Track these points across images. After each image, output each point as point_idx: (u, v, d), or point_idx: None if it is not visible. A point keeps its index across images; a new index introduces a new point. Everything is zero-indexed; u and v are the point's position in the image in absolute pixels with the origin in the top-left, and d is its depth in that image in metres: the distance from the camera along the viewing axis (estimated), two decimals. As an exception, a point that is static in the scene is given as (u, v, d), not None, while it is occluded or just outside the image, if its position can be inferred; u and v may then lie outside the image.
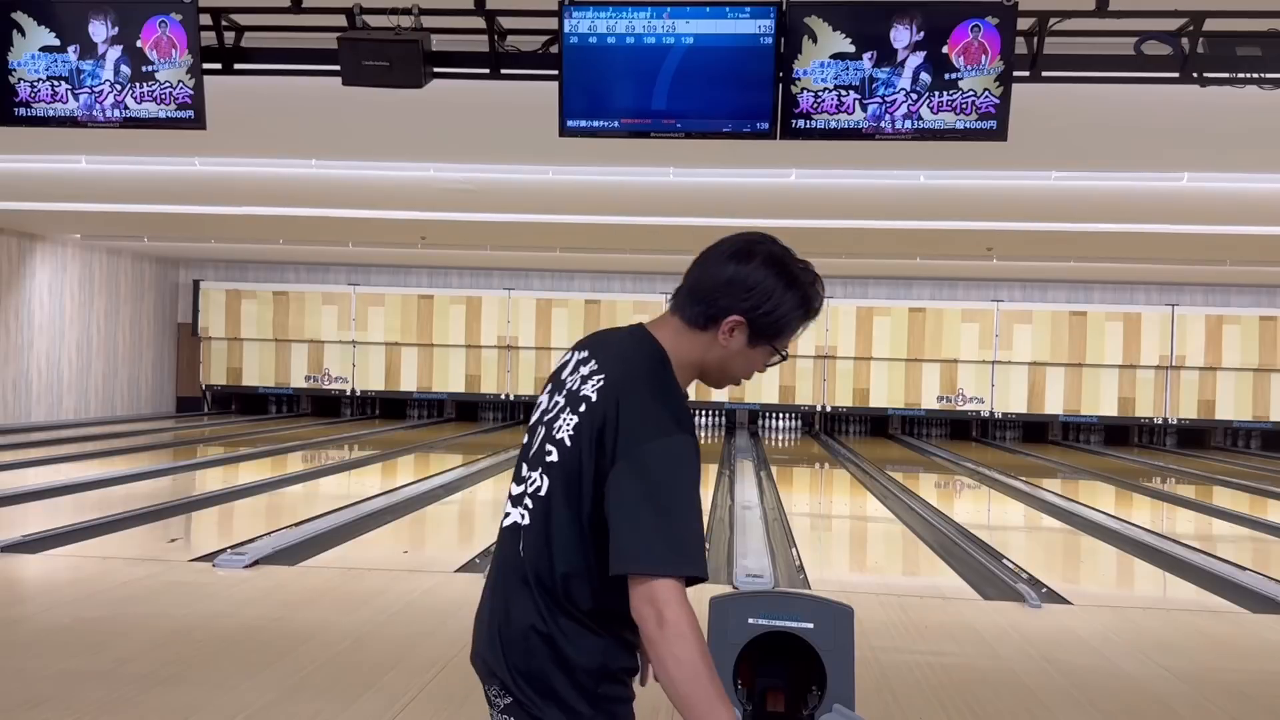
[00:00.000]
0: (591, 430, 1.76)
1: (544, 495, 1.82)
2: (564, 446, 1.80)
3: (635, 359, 1.83)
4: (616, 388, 1.78)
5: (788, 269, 1.90)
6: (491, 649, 1.84)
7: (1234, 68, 5.14)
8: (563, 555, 1.77)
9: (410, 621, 5.21)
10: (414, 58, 5.16)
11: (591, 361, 1.86)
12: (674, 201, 10.70)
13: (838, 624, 2.57)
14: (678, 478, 1.72)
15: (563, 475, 1.80)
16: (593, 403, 1.78)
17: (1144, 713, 4.24)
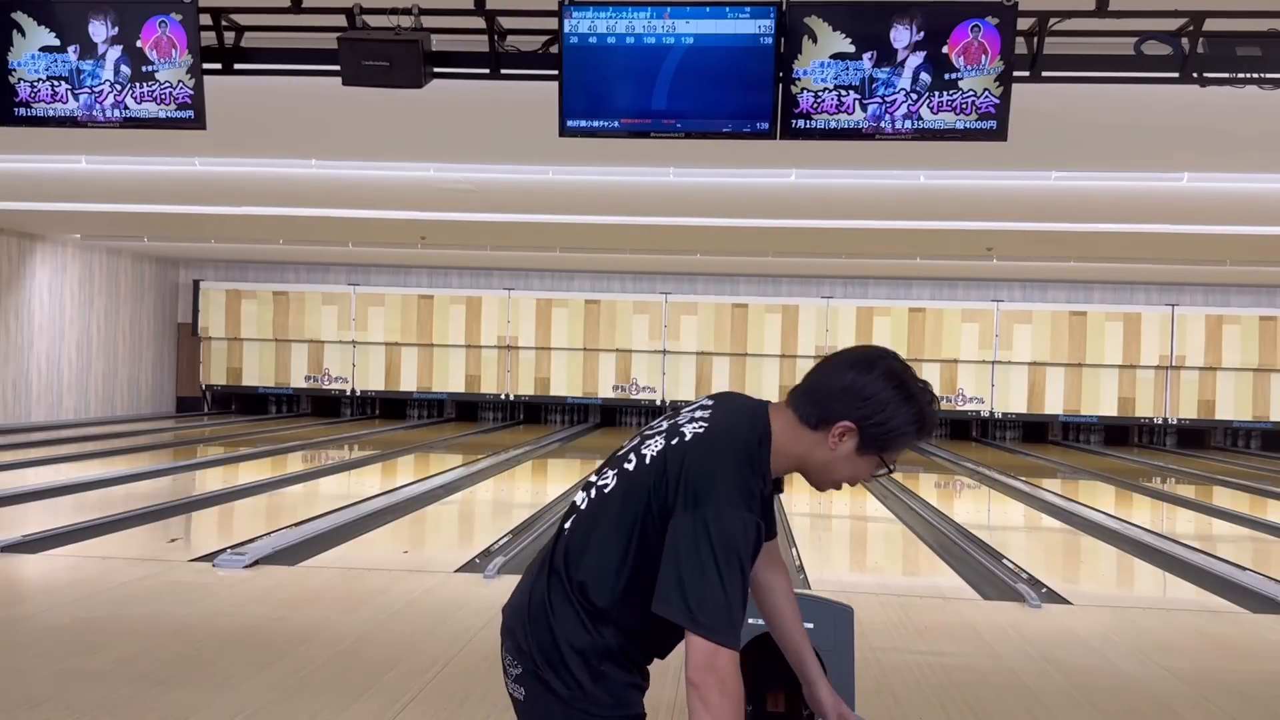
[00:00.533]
0: (670, 464, 1.87)
1: (607, 494, 1.95)
2: (642, 462, 1.92)
3: (740, 428, 1.91)
4: (710, 442, 1.88)
5: (905, 385, 1.90)
6: (515, 616, 1.99)
7: (1234, 68, 5.14)
8: (596, 552, 1.90)
9: (410, 621, 5.21)
10: (414, 58, 5.16)
11: (708, 410, 1.97)
12: (674, 201, 10.70)
13: (838, 624, 2.58)
14: (738, 549, 1.79)
15: (628, 485, 1.92)
16: (685, 441, 1.90)
17: (1144, 713, 4.23)
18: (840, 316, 18.05)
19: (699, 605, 1.76)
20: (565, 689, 1.89)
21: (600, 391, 18.52)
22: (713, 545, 1.78)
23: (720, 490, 1.81)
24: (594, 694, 1.89)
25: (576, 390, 18.56)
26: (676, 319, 18.32)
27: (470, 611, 5.37)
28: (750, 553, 1.81)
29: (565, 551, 1.95)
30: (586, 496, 2.00)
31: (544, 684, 1.91)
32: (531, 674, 1.92)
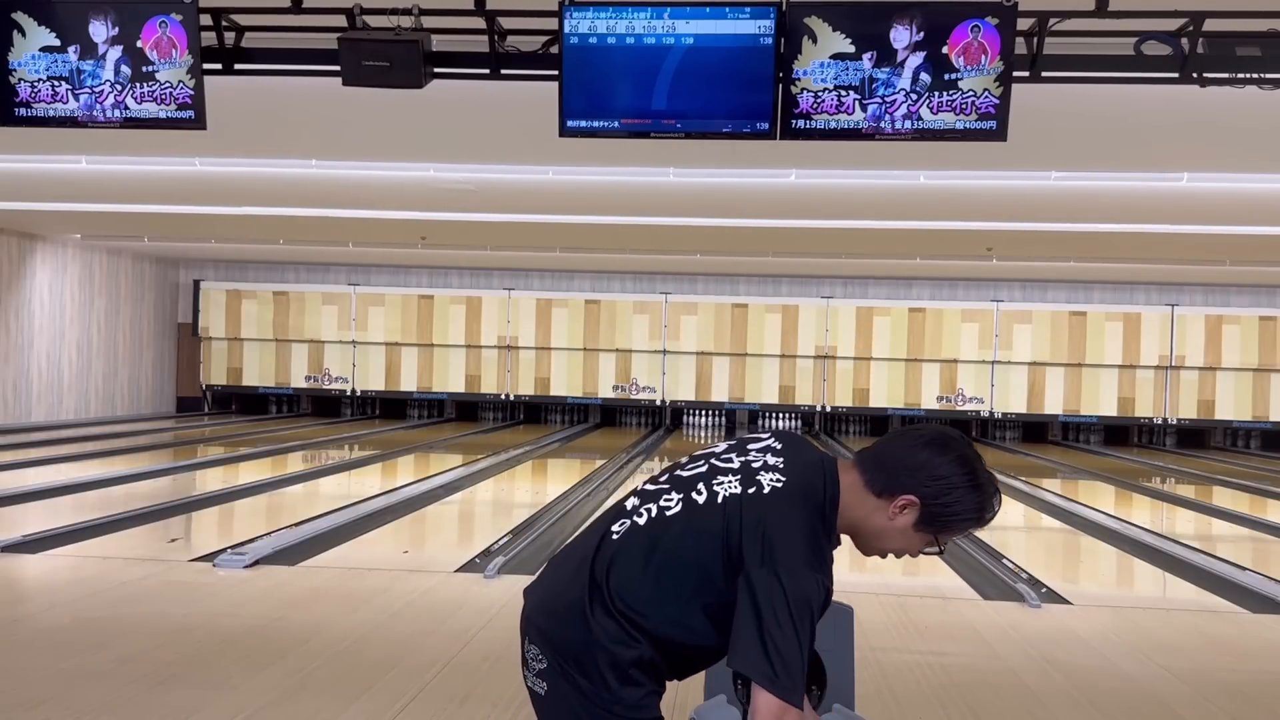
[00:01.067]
0: (746, 514, 1.89)
1: (669, 518, 1.94)
2: (714, 501, 1.93)
3: (815, 485, 1.94)
4: (789, 500, 1.91)
5: (976, 474, 1.94)
6: (546, 615, 1.99)
7: (1234, 68, 5.14)
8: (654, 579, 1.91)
9: (410, 621, 5.21)
10: (414, 58, 5.16)
11: (781, 458, 1.98)
12: (674, 201, 10.71)
13: (837, 624, 2.58)
14: (811, 610, 1.85)
15: (697, 523, 1.92)
16: (764, 494, 1.91)
17: (1144, 713, 4.24)
18: (840, 316, 18.05)
19: (779, 664, 1.80)
20: (591, 687, 1.91)
21: (600, 391, 18.52)
22: (790, 605, 1.82)
23: (798, 552, 1.85)
24: (619, 694, 1.91)
25: (576, 390, 18.56)
26: (676, 319, 18.32)
27: (470, 611, 5.37)
28: (819, 614, 1.88)
29: (611, 563, 1.94)
30: (646, 512, 1.98)
31: (569, 681, 1.92)
32: (557, 670, 1.94)
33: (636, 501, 2.02)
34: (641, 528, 1.95)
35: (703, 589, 1.90)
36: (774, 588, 1.81)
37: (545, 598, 2.03)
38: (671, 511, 1.95)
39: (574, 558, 2.03)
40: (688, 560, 1.90)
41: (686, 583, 1.90)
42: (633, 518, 1.98)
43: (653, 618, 1.90)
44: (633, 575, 1.92)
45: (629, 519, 1.99)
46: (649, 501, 2.00)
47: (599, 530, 2.03)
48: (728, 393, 18.31)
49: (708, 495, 1.94)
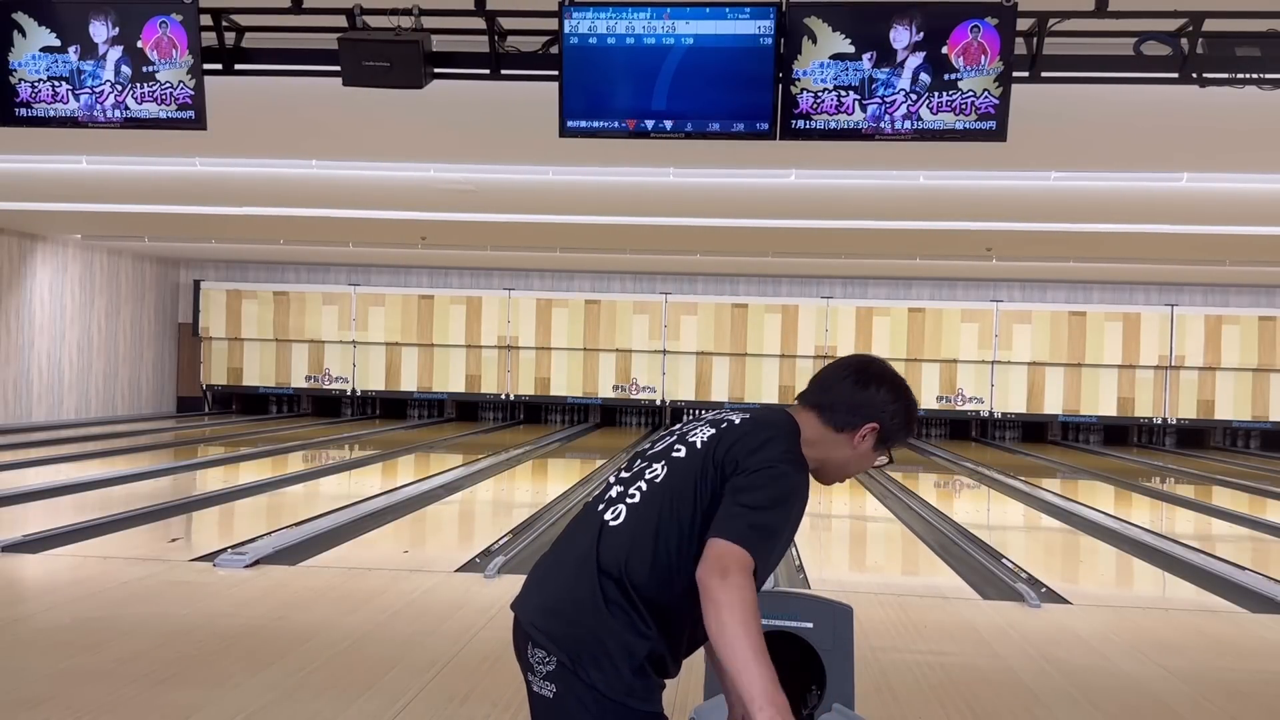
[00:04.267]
0: (725, 443, 2.02)
1: (659, 483, 2.03)
2: (693, 449, 2.05)
3: (780, 420, 2.10)
4: (758, 424, 2.07)
5: (906, 389, 2.18)
6: (551, 617, 1.99)
7: (1233, 68, 5.14)
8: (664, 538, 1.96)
9: (410, 621, 5.21)
10: (414, 58, 5.16)
11: (736, 412, 2.14)
12: (674, 201, 10.71)
13: (838, 624, 2.58)
14: (786, 498, 1.96)
15: (682, 471, 2.02)
16: (734, 424, 2.07)
17: (1143, 712, 4.24)
18: (840, 316, 18.05)
19: (756, 534, 1.90)
20: (605, 681, 1.91)
21: (600, 391, 18.53)
22: (773, 493, 1.94)
23: (778, 454, 1.99)
24: (633, 686, 1.93)
25: (576, 390, 18.56)
26: (676, 319, 18.32)
27: (470, 611, 5.37)
28: (800, 512, 2.00)
29: (619, 549, 1.98)
30: (637, 491, 2.04)
31: (582, 678, 1.92)
32: (568, 670, 1.93)
33: (621, 489, 2.08)
34: (639, 504, 2.01)
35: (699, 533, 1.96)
36: (756, 481, 1.94)
37: (547, 602, 2.02)
38: (661, 478, 2.03)
39: (569, 559, 2.04)
40: (689, 500, 1.99)
41: (692, 540, 1.96)
42: (624, 502, 2.03)
43: (670, 591, 1.95)
44: (640, 549, 1.96)
45: (620, 504, 2.04)
46: (635, 481, 2.06)
47: (590, 526, 2.05)
48: (728, 393, 18.31)
49: (687, 449, 2.06)
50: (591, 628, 1.94)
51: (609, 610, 1.94)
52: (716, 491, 1.98)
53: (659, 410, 18.85)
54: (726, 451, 2.01)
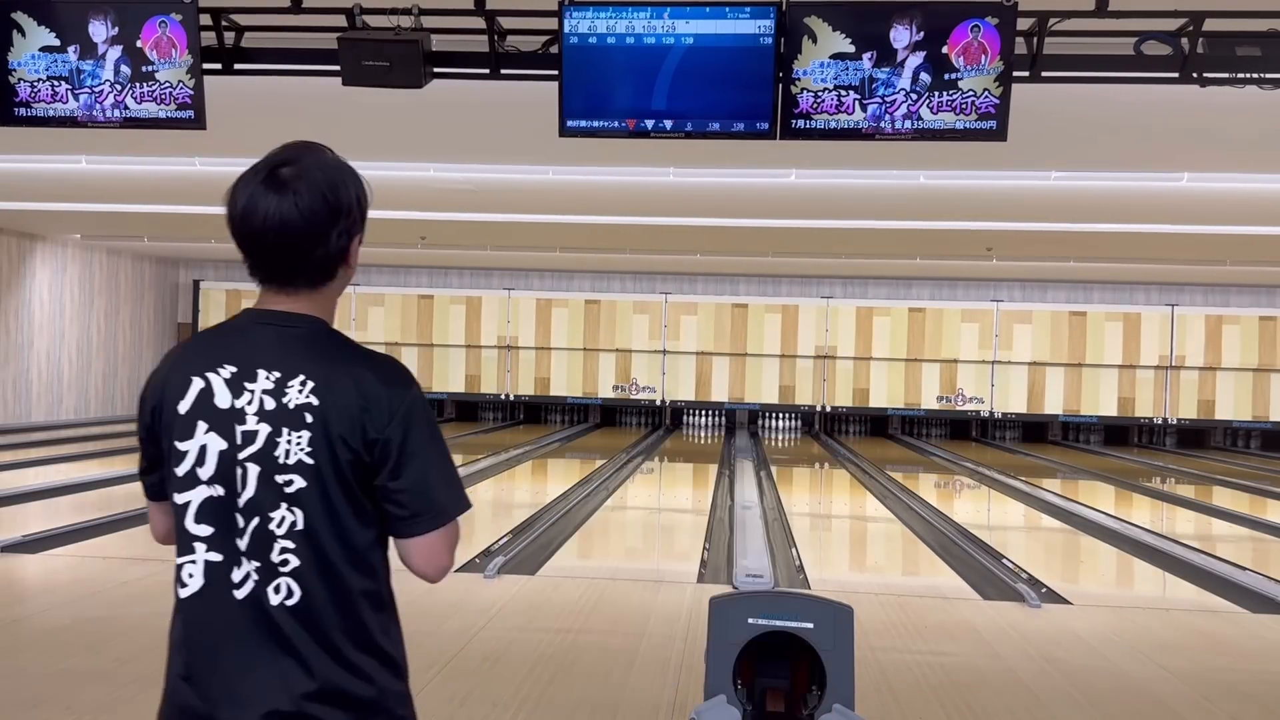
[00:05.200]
0: (340, 431, 1.65)
1: (302, 530, 1.67)
2: (306, 466, 1.66)
3: (325, 345, 1.72)
4: (342, 376, 1.68)
5: (341, 166, 1.85)
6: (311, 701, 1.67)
7: (1234, 68, 5.14)
8: (351, 578, 1.72)
9: (409, 622, 5.18)
10: (414, 58, 5.16)
11: (264, 373, 1.68)
12: (674, 201, 10.71)
13: (837, 624, 2.58)
14: (439, 429, 1.77)
15: (320, 496, 1.67)
16: (322, 406, 1.66)
17: (1143, 712, 4.24)
18: (840, 316, 18.05)
19: (459, 489, 1.77)
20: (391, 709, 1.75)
21: (600, 391, 18.53)
22: (431, 429, 1.74)
23: (400, 388, 1.71)
24: (404, 692, 1.81)
25: (576, 390, 18.56)
26: (676, 319, 18.32)
27: (470, 611, 5.37)
28: None
29: (322, 609, 1.68)
30: (285, 556, 1.66)
31: None
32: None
33: (236, 570, 1.67)
34: (301, 568, 1.67)
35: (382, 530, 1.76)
36: (411, 429, 1.68)
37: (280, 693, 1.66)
38: (300, 522, 1.67)
39: (229, 655, 1.69)
40: (345, 496, 1.68)
41: (375, 543, 1.76)
42: (282, 577, 1.66)
43: (375, 575, 1.78)
44: (340, 598, 1.71)
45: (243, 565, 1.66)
46: (261, 556, 1.67)
47: (228, 609, 1.68)
48: (727, 393, 18.31)
49: (300, 474, 1.65)
50: (362, 685, 1.76)
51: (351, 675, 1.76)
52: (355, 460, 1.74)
53: (659, 410, 18.85)
54: (357, 434, 1.72)
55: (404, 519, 1.74)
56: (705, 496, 10.21)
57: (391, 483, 1.70)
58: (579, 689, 4.26)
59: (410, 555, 1.81)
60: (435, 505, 1.74)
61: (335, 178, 1.78)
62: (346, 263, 1.77)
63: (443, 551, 1.80)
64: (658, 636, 5.03)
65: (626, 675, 4.40)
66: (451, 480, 1.77)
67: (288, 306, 1.73)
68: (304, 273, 1.72)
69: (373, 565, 1.79)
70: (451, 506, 1.76)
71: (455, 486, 1.78)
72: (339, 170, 1.80)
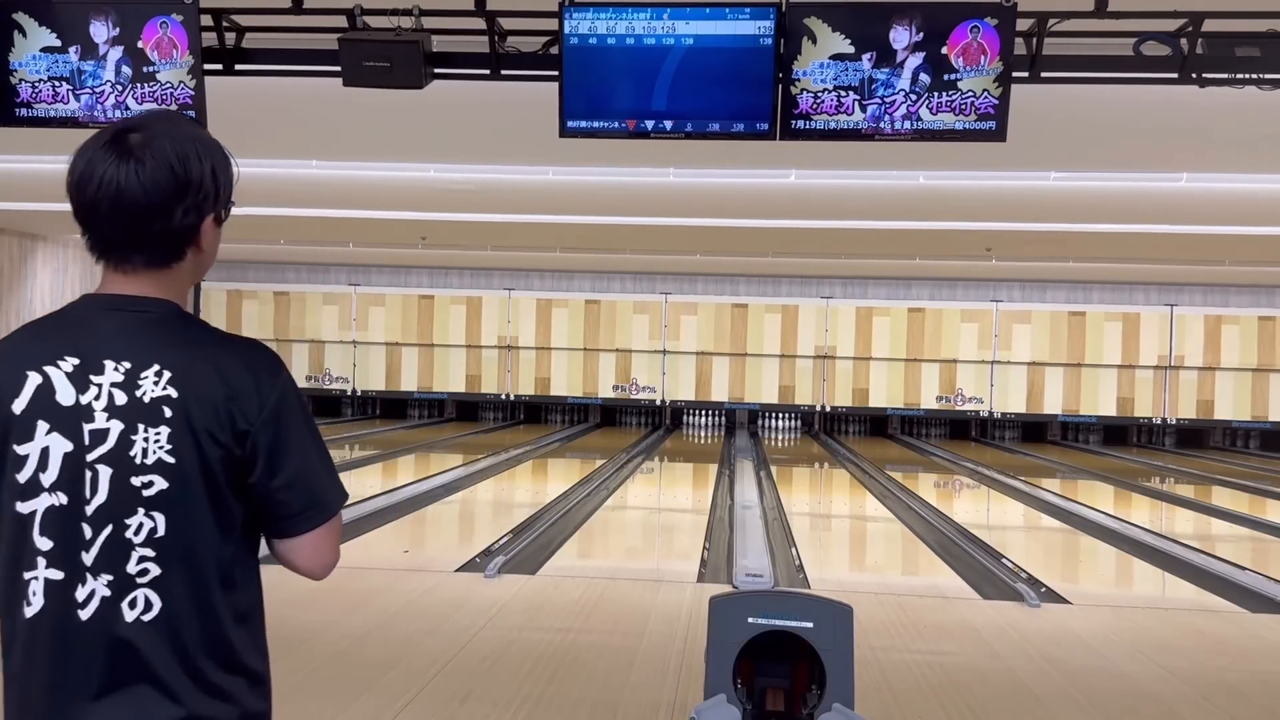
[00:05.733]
0: (205, 425, 1.50)
1: (163, 536, 1.51)
2: (168, 466, 1.50)
3: (179, 330, 1.56)
4: (202, 363, 1.53)
5: (198, 138, 1.59)
6: None
7: (1233, 68, 5.14)
8: (218, 589, 1.60)
9: (410, 621, 5.21)
10: (414, 58, 5.16)
11: (112, 364, 1.51)
12: (674, 201, 10.71)
13: (837, 623, 2.59)
14: (311, 414, 1.65)
15: (184, 498, 1.52)
16: (181, 398, 1.50)
17: (1143, 712, 4.24)
18: (840, 316, 18.06)
19: (336, 476, 1.66)
20: None
21: (600, 391, 18.53)
22: (306, 416, 1.61)
23: (268, 374, 1.57)
24: (265, 711, 1.75)
25: (576, 390, 18.57)
26: (676, 319, 18.33)
27: (470, 611, 5.38)
28: None
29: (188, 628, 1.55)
30: (141, 569, 1.50)
31: None
32: None
33: (79, 589, 1.49)
34: (163, 579, 1.52)
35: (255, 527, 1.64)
36: (284, 419, 1.55)
37: None
38: (161, 528, 1.51)
39: (71, 690, 1.49)
40: (215, 493, 1.54)
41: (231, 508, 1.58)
42: (88, 577, 1.49)
43: (244, 589, 1.68)
44: (191, 611, 1.55)
45: (88, 581, 1.49)
46: (114, 569, 1.50)
47: (70, 633, 1.49)
48: (727, 393, 18.31)
49: (161, 474, 1.50)
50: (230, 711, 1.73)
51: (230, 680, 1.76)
52: (238, 473, 1.64)
53: (659, 410, 18.86)
54: (227, 428, 1.59)
55: (285, 518, 1.63)
56: (705, 496, 10.21)
57: (269, 480, 1.57)
58: (579, 688, 4.27)
59: (294, 556, 1.71)
60: (318, 499, 1.64)
61: (186, 149, 1.55)
62: (197, 244, 1.59)
63: (329, 548, 1.71)
64: (658, 636, 5.04)
65: (626, 675, 4.40)
66: (330, 469, 1.66)
67: (132, 289, 1.56)
68: (142, 249, 1.54)
69: (242, 574, 1.66)
70: (335, 499, 1.66)
71: (334, 475, 1.67)
72: (194, 142, 1.57)
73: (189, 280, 1.63)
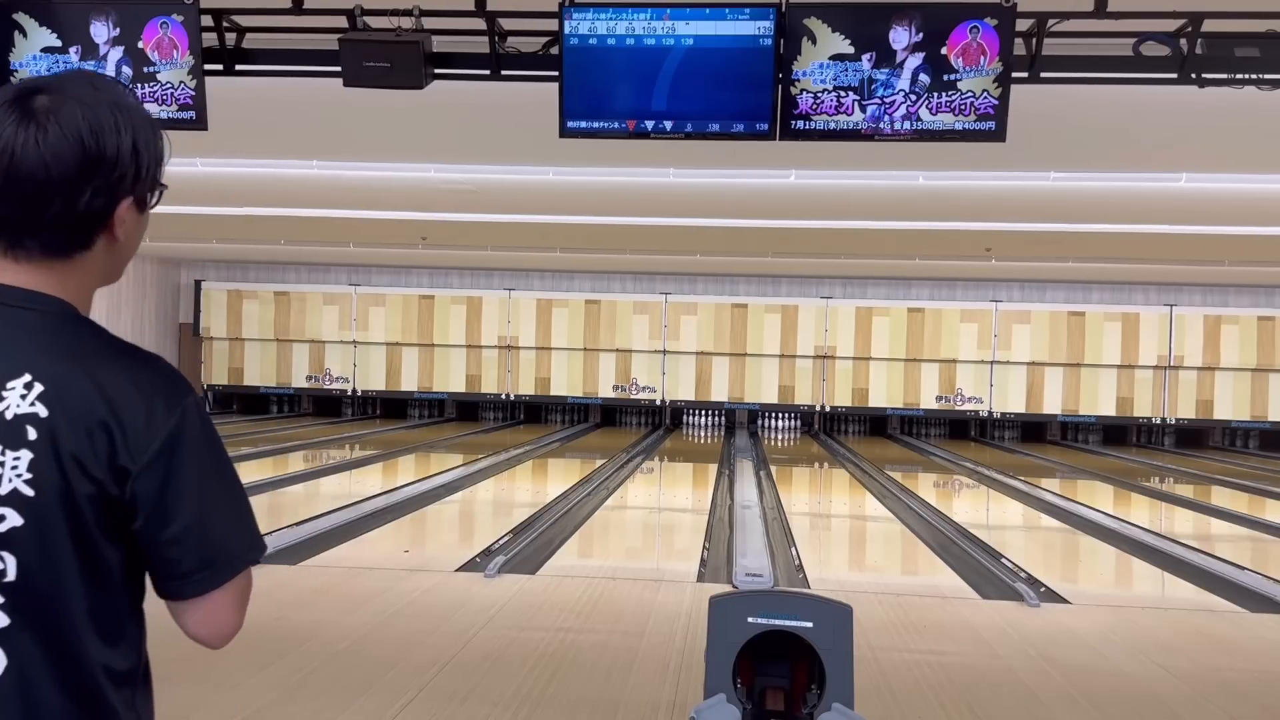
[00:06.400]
0: (75, 453, 1.24)
1: (14, 582, 1.24)
2: (24, 499, 1.24)
3: (67, 337, 1.31)
4: (84, 379, 1.26)
5: (121, 107, 1.35)
6: None
7: (1232, 68, 5.15)
8: (86, 646, 1.30)
9: (410, 621, 5.22)
10: (415, 59, 5.17)
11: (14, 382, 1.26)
12: (674, 201, 10.72)
13: (837, 623, 2.59)
14: (224, 448, 1.36)
15: (41, 538, 1.24)
16: (50, 418, 1.24)
17: (1142, 711, 4.25)
18: (840, 316, 18.07)
19: (252, 532, 1.36)
20: None
21: (600, 391, 18.54)
22: (217, 459, 1.33)
23: (163, 397, 1.29)
24: None
25: (577, 390, 18.58)
26: (676, 319, 18.33)
27: (470, 611, 5.38)
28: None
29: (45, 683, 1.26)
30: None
31: None
32: None
33: None
34: (9, 632, 1.24)
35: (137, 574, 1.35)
36: (181, 455, 1.28)
37: None
38: (11, 570, 1.23)
39: None
40: (96, 578, 1.29)
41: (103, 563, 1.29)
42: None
43: (123, 649, 1.40)
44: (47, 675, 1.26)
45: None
46: None
47: None
48: (727, 393, 18.32)
49: (15, 507, 1.24)
50: None
51: None
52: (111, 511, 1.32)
53: (659, 410, 18.86)
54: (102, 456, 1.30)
55: (174, 578, 1.33)
56: (705, 496, 10.22)
57: (156, 532, 1.29)
58: (579, 688, 4.27)
59: (182, 619, 1.40)
60: (217, 556, 1.33)
61: (103, 120, 1.31)
62: (111, 232, 1.37)
63: (230, 612, 1.37)
64: (657, 636, 5.04)
65: (626, 674, 4.41)
66: (242, 517, 1.36)
67: (22, 280, 1.30)
68: (38, 232, 1.30)
69: (123, 628, 1.37)
70: (242, 553, 1.35)
71: (246, 525, 1.37)
72: (115, 110, 1.33)
73: (99, 276, 1.38)
